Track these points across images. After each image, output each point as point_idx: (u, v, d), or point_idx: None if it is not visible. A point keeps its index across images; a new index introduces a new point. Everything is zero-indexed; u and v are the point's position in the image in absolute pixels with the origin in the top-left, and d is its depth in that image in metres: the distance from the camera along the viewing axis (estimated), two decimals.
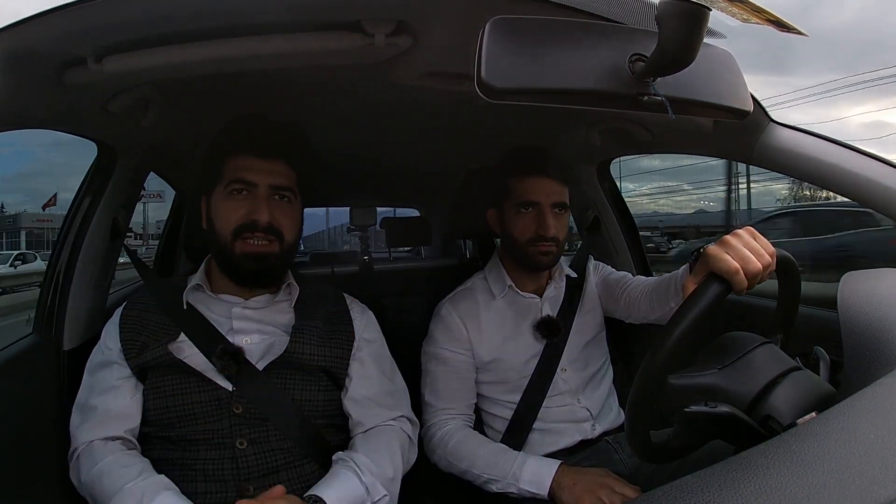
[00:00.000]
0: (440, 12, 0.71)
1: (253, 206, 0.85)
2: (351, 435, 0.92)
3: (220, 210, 0.87)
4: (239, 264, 0.87)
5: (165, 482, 0.76)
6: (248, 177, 0.86)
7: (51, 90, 0.76)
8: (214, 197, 0.89)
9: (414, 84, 0.92)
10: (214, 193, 0.88)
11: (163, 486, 0.75)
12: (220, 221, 0.87)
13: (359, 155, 1.45)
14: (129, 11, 0.65)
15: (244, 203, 0.86)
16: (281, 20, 0.71)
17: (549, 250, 1.08)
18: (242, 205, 0.86)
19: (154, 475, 0.77)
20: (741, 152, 0.93)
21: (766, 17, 0.51)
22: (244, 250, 0.85)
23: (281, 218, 0.87)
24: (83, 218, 1.03)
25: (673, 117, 0.53)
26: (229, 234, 0.86)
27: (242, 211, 0.86)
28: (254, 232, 0.85)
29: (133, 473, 0.76)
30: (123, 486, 0.74)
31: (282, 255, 0.88)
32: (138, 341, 0.86)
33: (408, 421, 0.96)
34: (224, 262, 0.89)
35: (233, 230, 0.85)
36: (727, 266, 0.63)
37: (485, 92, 0.48)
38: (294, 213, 0.91)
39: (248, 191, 0.86)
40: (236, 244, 0.86)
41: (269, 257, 0.87)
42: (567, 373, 1.11)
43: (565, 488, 0.92)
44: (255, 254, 0.86)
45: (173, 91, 0.95)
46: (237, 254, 0.86)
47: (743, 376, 0.59)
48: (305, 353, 0.88)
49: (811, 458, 0.36)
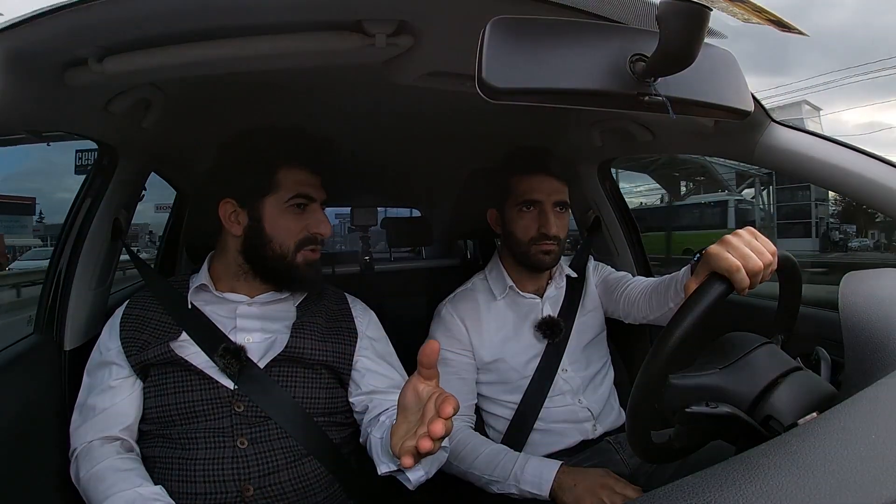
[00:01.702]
0: (441, 13, 0.71)
1: (312, 220, 0.92)
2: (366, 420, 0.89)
3: (279, 222, 0.90)
4: (302, 274, 0.91)
5: (158, 492, 0.76)
6: (311, 192, 0.92)
7: (52, 90, 0.76)
8: (269, 206, 0.90)
9: (415, 84, 0.92)
10: (267, 202, 0.90)
11: (152, 497, 0.75)
12: (281, 232, 0.90)
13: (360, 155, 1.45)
14: (130, 11, 0.65)
15: (304, 216, 0.91)
16: (282, 20, 0.71)
17: (550, 249, 1.08)
18: (302, 217, 0.91)
19: (148, 485, 0.78)
20: (742, 152, 0.92)
21: (767, 17, 0.51)
22: (307, 260, 0.92)
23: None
24: (84, 218, 1.03)
25: (674, 117, 0.53)
26: (292, 245, 0.90)
27: (303, 223, 0.91)
28: (316, 245, 0.93)
29: (128, 481, 0.77)
30: (116, 493, 0.74)
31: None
32: (139, 339, 0.86)
33: None
34: (281, 272, 0.91)
35: (297, 242, 0.90)
36: (728, 264, 0.63)
37: (485, 92, 0.48)
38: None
39: (307, 204, 0.92)
40: (299, 255, 0.91)
41: (319, 264, 0.95)
42: (568, 373, 1.11)
43: (566, 489, 0.92)
44: (314, 261, 0.93)
45: (174, 91, 0.95)
46: (300, 263, 0.91)
47: (744, 376, 0.59)
48: (307, 349, 0.88)
49: (812, 458, 0.36)
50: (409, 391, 0.68)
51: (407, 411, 0.68)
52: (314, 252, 0.93)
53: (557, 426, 1.09)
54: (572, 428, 1.10)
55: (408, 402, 0.68)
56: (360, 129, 1.28)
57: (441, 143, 1.46)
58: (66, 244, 1.04)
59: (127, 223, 1.13)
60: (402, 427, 0.68)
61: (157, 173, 1.34)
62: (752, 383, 0.59)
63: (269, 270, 0.91)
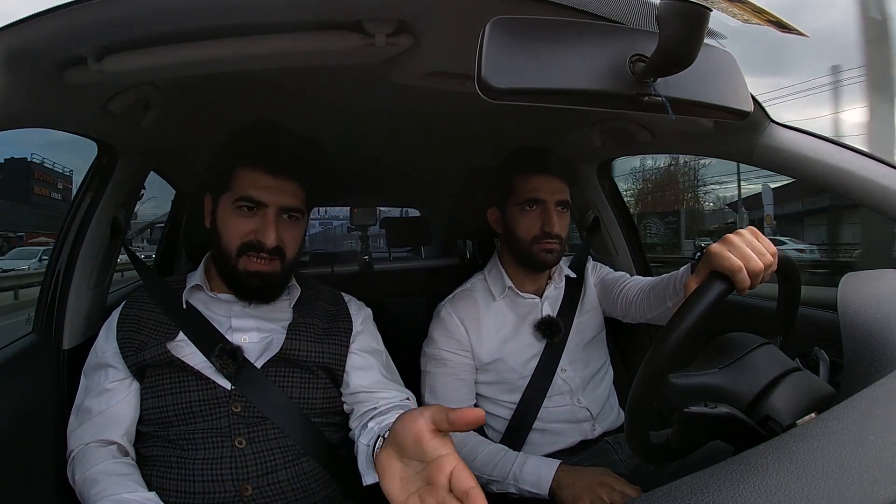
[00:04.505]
0: (441, 12, 0.71)
1: (260, 226, 0.85)
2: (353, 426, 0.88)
3: (227, 222, 0.86)
4: (241, 280, 0.87)
5: (151, 497, 0.76)
6: (259, 196, 0.84)
7: (51, 90, 0.76)
8: (221, 205, 0.87)
9: (414, 84, 0.92)
10: (222, 200, 0.87)
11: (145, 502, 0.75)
12: (226, 233, 0.86)
13: (359, 155, 1.45)
14: (130, 11, 0.65)
15: (251, 221, 0.85)
16: (281, 20, 0.71)
17: (552, 248, 1.08)
18: (250, 223, 0.85)
19: (142, 491, 0.77)
20: (741, 153, 0.93)
21: (767, 18, 0.51)
22: (247, 268, 0.86)
23: (287, 238, 0.87)
24: (83, 217, 1.03)
25: (674, 118, 0.53)
26: (234, 249, 0.86)
27: (249, 228, 0.85)
28: (259, 252, 0.85)
29: (121, 485, 0.76)
30: (109, 496, 0.74)
31: (283, 273, 0.89)
32: (136, 340, 0.86)
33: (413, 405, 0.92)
34: (226, 273, 0.89)
35: (238, 246, 0.85)
36: (730, 264, 0.63)
37: (485, 92, 0.48)
38: (300, 231, 0.91)
39: (257, 209, 0.85)
40: (240, 260, 0.86)
41: (271, 276, 0.87)
42: (567, 373, 1.11)
43: (565, 487, 0.92)
44: (257, 272, 0.86)
45: (174, 91, 0.95)
46: (240, 270, 0.86)
47: (743, 377, 0.59)
48: (302, 351, 0.88)
49: (811, 458, 0.36)
50: (410, 430, 0.51)
51: (403, 450, 0.52)
52: (258, 261, 0.85)
53: (556, 426, 1.09)
54: (571, 428, 1.10)
55: (405, 441, 0.51)
56: (359, 129, 1.28)
57: (440, 142, 1.46)
58: (65, 243, 1.04)
59: (126, 222, 1.13)
60: (397, 467, 0.52)
61: (157, 172, 1.34)
62: (751, 383, 0.58)
63: (222, 272, 0.89)
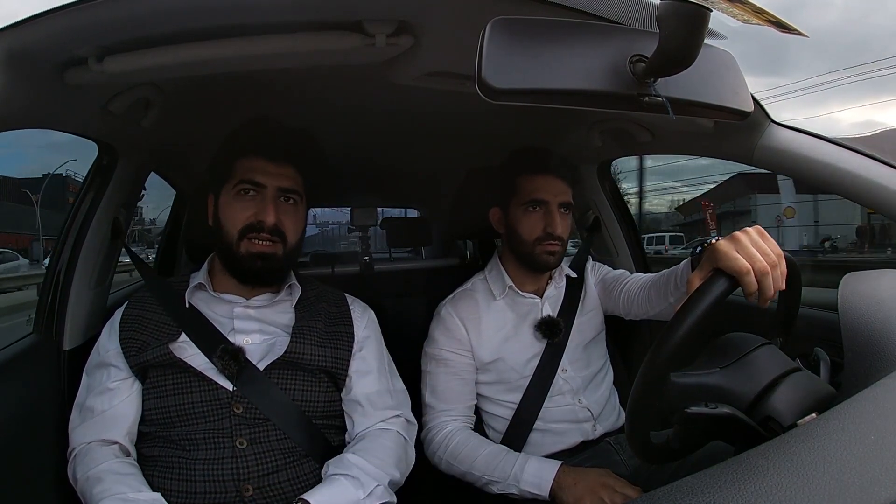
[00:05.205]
0: (441, 13, 0.71)
1: (260, 207, 0.88)
2: (347, 439, 0.92)
3: (228, 209, 0.89)
4: (244, 263, 0.88)
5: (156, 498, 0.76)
6: (258, 178, 0.88)
7: (51, 90, 0.76)
8: (223, 196, 0.90)
9: (414, 84, 0.93)
10: (223, 192, 0.90)
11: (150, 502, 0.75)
12: (228, 220, 0.89)
13: (359, 155, 1.45)
14: (130, 11, 0.65)
15: (252, 203, 0.88)
16: (282, 20, 0.71)
17: (555, 249, 1.08)
18: (250, 205, 0.88)
19: (146, 491, 0.77)
20: (741, 153, 0.93)
21: (767, 18, 0.51)
22: (249, 250, 0.88)
23: (286, 220, 0.90)
24: (84, 218, 1.03)
25: (674, 118, 0.53)
26: (236, 233, 0.88)
27: (250, 211, 0.88)
28: (259, 232, 0.87)
29: (125, 484, 0.76)
30: (114, 495, 0.74)
31: (285, 256, 0.90)
32: (138, 340, 0.86)
33: (405, 421, 0.95)
34: (229, 261, 0.90)
35: (240, 229, 0.88)
36: (738, 266, 0.61)
37: (485, 92, 0.48)
38: (299, 215, 0.93)
39: (257, 191, 0.88)
40: (242, 243, 0.88)
41: (273, 258, 0.89)
42: (568, 373, 1.11)
43: (566, 488, 0.92)
44: (259, 253, 0.88)
45: (174, 91, 0.95)
46: (242, 253, 0.88)
47: (743, 377, 0.59)
48: (306, 354, 0.88)
49: (811, 459, 0.36)
50: None
51: None
52: (259, 243, 0.87)
53: (557, 426, 1.09)
54: (572, 428, 1.10)
55: None
56: (359, 130, 1.28)
57: (441, 143, 1.46)
58: (66, 243, 1.04)
59: (127, 222, 1.13)
60: None
61: (157, 173, 1.34)
62: (752, 384, 0.58)
63: (228, 264, 0.91)
